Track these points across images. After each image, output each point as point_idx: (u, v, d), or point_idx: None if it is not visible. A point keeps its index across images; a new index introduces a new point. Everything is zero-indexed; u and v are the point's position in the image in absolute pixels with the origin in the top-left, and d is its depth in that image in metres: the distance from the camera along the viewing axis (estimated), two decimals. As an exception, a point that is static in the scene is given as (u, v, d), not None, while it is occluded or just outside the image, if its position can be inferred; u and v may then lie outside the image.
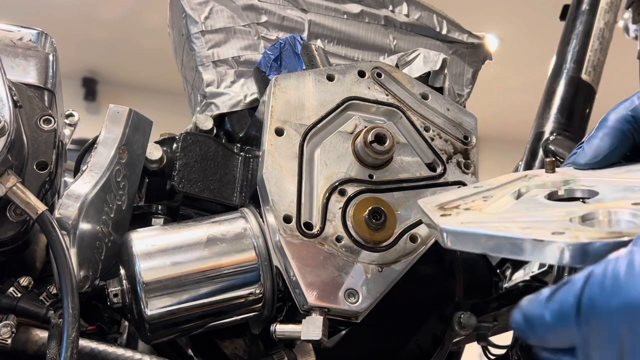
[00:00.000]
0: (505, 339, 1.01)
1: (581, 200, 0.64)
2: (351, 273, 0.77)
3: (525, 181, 0.71)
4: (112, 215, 0.86)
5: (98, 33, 5.27)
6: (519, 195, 0.67)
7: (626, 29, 1.61)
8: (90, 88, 5.98)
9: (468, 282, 1.00)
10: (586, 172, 0.71)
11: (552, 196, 0.66)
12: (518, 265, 1.20)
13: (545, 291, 0.49)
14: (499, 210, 0.63)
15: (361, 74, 0.89)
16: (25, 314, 0.76)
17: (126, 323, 0.99)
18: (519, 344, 0.84)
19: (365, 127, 0.83)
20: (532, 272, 1.14)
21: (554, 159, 0.74)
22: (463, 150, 0.88)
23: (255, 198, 0.86)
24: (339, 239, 0.79)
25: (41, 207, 0.75)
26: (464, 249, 0.58)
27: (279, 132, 0.82)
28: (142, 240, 0.81)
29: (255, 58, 1.12)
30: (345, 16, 1.22)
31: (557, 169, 0.73)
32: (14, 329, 0.74)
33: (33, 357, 0.76)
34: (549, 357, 0.50)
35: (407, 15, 1.25)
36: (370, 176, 0.83)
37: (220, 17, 1.15)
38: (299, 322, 0.76)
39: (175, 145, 0.96)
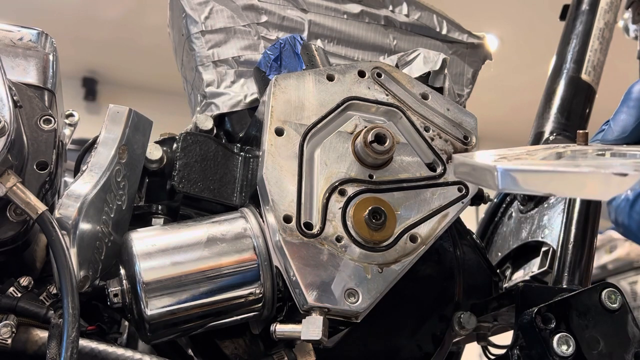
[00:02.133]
0: (505, 339, 1.01)
1: None
2: (351, 273, 0.77)
3: (559, 149, 0.69)
4: (112, 215, 0.86)
5: (98, 33, 5.27)
6: (560, 156, 0.65)
7: (626, 29, 1.61)
8: (90, 88, 5.98)
9: (468, 282, 1.00)
10: (617, 146, 0.69)
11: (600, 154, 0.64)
12: (518, 265, 1.20)
13: (630, 195, 0.49)
14: (554, 161, 0.61)
15: (361, 74, 0.89)
16: (25, 314, 0.76)
17: (126, 323, 0.99)
18: (519, 344, 0.84)
19: (365, 127, 0.83)
20: (532, 271, 1.14)
21: (587, 130, 0.72)
22: (463, 150, 0.88)
23: (255, 198, 0.86)
24: (339, 239, 0.79)
25: (41, 207, 0.75)
26: (523, 189, 0.55)
27: (279, 132, 0.82)
28: (142, 240, 0.81)
29: (255, 58, 1.12)
30: (345, 16, 1.22)
31: (589, 143, 0.71)
32: (14, 329, 0.74)
33: (33, 357, 0.76)
34: None
35: (407, 15, 1.25)
36: (370, 176, 0.83)
37: (220, 17, 1.15)
38: (299, 322, 0.76)
39: (175, 145, 0.96)
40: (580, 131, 0.71)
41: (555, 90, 1.35)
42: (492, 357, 1.10)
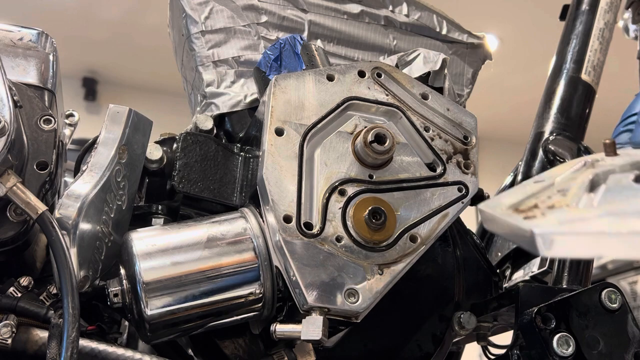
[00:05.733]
0: (505, 339, 1.01)
1: None
2: (351, 273, 0.77)
3: (589, 169, 0.63)
4: (112, 215, 0.86)
5: (98, 33, 5.27)
6: (593, 185, 0.59)
7: (626, 29, 1.61)
8: (90, 88, 5.98)
9: (468, 282, 1.00)
10: None
11: (639, 180, 0.58)
12: (518, 265, 1.20)
13: None
14: (593, 204, 0.55)
15: (361, 74, 0.89)
16: (26, 314, 0.76)
17: (126, 323, 0.99)
18: (519, 344, 0.84)
19: (365, 127, 0.83)
20: (532, 272, 1.14)
21: (614, 139, 0.67)
22: (463, 150, 0.88)
23: (255, 198, 0.86)
24: (339, 239, 0.79)
25: (41, 207, 0.75)
26: (571, 254, 0.51)
27: (279, 132, 0.82)
28: (142, 240, 0.81)
29: (255, 58, 1.12)
30: (345, 16, 1.22)
31: (618, 152, 0.65)
32: (14, 329, 0.74)
33: (33, 357, 0.76)
34: None
35: (407, 15, 1.25)
36: (370, 176, 0.83)
37: (220, 17, 1.15)
38: (299, 322, 0.76)
39: (175, 145, 0.96)
40: (607, 141, 0.65)
41: (555, 90, 1.35)
42: (492, 357, 1.10)
